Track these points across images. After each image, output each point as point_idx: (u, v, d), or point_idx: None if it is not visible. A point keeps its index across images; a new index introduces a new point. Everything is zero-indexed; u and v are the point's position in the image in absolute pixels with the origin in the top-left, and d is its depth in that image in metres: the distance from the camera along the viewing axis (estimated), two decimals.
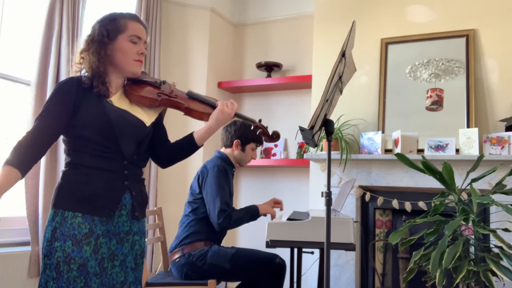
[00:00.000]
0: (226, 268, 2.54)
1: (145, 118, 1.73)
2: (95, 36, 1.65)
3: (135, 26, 1.69)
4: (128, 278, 1.66)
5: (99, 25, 1.67)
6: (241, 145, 2.82)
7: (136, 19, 1.72)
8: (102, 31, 1.65)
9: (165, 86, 1.79)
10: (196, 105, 1.79)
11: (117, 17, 1.69)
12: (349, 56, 1.86)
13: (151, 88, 1.76)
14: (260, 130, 1.92)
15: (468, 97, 3.05)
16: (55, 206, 1.58)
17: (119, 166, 1.64)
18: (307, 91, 3.79)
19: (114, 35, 1.65)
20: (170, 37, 3.91)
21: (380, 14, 3.43)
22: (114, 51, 1.66)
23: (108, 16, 1.70)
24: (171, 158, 1.85)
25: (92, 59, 1.63)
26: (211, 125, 1.78)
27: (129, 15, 1.72)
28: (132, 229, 1.69)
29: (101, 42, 1.64)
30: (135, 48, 1.68)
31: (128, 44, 1.67)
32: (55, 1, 2.82)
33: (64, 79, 1.68)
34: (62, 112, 1.59)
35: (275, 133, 1.94)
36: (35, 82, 2.73)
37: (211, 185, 2.64)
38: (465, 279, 2.00)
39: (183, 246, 2.63)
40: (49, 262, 1.54)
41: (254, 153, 2.88)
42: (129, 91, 1.71)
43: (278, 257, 2.63)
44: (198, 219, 2.67)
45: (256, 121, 1.93)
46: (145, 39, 1.72)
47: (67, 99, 1.60)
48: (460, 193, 2.16)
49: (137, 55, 1.68)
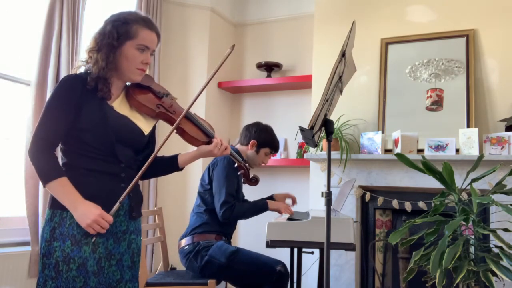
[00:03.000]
0: (222, 262, 2.53)
1: (143, 126, 1.72)
2: (105, 38, 1.61)
3: (146, 34, 1.64)
4: (125, 276, 1.66)
5: (111, 25, 1.63)
6: (257, 146, 2.85)
7: (149, 27, 1.66)
8: (113, 33, 1.61)
9: (167, 99, 1.76)
10: (190, 128, 1.77)
11: (130, 21, 1.63)
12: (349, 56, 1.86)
13: (152, 96, 1.73)
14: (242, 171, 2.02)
15: (468, 97, 3.05)
16: (53, 207, 1.58)
17: (116, 169, 1.64)
18: (307, 91, 3.79)
19: (123, 40, 1.62)
20: (170, 37, 3.91)
21: (380, 14, 3.43)
22: (119, 56, 1.63)
23: (122, 18, 1.64)
24: (152, 173, 1.83)
25: (100, 62, 1.60)
26: (195, 155, 1.82)
27: (144, 22, 1.66)
28: (129, 228, 1.69)
29: (110, 45, 1.60)
30: (140, 57, 1.64)
31: (134, 52, 1.63)
32: (55, 1, 2.82)
33: (68, 76, 1.64)
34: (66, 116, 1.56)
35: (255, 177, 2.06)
36: (35, 82, 2.73)
37: (218, 176, 2.68)
38: (465, 279, 2.00)
39: (194, 235, 2.67)
40: (47, 262, 1.54)
41: (266, 158, 2.92)
42: (131, 94, 1.69)
43: (281, 264, 2.56)
44: (209, 209, 2.70)
45: (241, 161, 1.99)
46: (153, 48, 1.68)
47: (69, 102, 1.57)
48: (460, 193, 2.16)
49: (141, 64, 1.65)
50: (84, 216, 1.51)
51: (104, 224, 1.53)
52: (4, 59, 2.76)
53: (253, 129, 2.89)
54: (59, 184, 1.53)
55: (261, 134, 2.86)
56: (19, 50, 2.85)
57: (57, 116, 1.56)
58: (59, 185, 1.53)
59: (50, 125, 1.56)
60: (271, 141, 2.88)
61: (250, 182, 2.07)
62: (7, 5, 2.77)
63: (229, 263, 2.54)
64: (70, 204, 1.53)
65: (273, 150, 2.91)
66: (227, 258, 2.54)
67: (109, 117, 1.62)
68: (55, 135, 1.57)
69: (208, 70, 3.94)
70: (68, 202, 1.53)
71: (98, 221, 1.51)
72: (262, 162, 2.91)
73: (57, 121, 1.56)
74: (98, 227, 1.52)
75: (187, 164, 1.86)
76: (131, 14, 1.68)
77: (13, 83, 2.82)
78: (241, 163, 2.00)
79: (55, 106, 1.57)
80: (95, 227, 1.51)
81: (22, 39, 2.87)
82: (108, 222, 1.54)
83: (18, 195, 2.74)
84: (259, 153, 2.87)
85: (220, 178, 2.67)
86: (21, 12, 2.86)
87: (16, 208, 2.79)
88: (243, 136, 2.91)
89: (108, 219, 1.54)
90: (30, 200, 2.69)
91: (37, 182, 2.71)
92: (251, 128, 2.90)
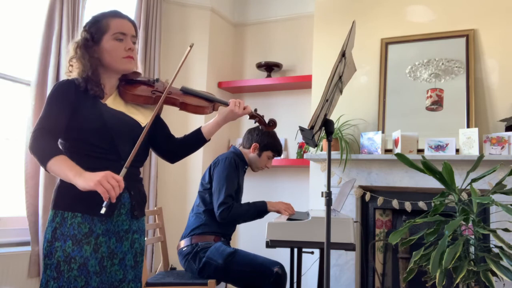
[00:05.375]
0: (220, 264, 2.53)
1: (140, 118, 1.74)
2: (81, 42, 1.66)
3: (118, 22, 1.68)
4: (127, 276, 1.66)
5: (83, 30, 1.69)
6: (259, 149, 2.86)
7: (118, 15, 1.70)
8: (86, 36, 1.66)
9: (159, 84, 1.81)
10: (191, 100, 1.82)
11: (99, 18, 1.69)
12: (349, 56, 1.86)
13: (145, 87, 1.77)
14: (256, 119, 1.95)
15: (468, 97, 3.05)
16: (55, 207, 1.59)
17: (116, 167, 1.63)
18: (307, 91, 3.79)
19: (99, 37, 1.66)
20: (170, 37, 3.91)
21: (380, 14, 3.43)
22: (101, 53, 1.66)
23: (91, 20, 1.70)
24: (180, 153, 1.88)
25: (79, 65, 1.64)
26: (218, 120, 1.85)
27: (111, 13, 1.71)
28: (132, 228, 1.69)
29: (86, 46, 1.65)
30: (121, 46, 1.67)
31: (113, 43, 1.66)
32: (55, 1, 2.82)
33: (61, 81, 1.68)
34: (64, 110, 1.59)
35: (272, 120, 1.97)
36: (35, 82, 2.73)
37: (219, 176, 2.68)
38: (465, 279, 2.00)
39: (192, 236, 2.67)
40: (49, 262, 1.55)
41: (269, 161, 2.92)
42: (123, 91, 1.72)
43: (279, 266, 2.54)
44: (209, 210, 2.70)
45: (252, 110, 1.94)
46: (132, 33, 1.70)
47: (66, 99, 1.60)
48: (460, 193, 2.16)
49: (125, 52, 1.67)
50: (92, 176, 1.41)
51: (114, 182, 1.41)
52: (4, 59, 2.76)
53: (255, 132, 2.90)
54: (60, 159, 1.48)
55: (263, 137, 2.86)
56: (19, 50, 2.85)
57: (56, 109, 1.58)
58: (60, 160, 1.48)
59: (49, 116, 1.57)
60: (273, 144, 2.88)
61: (268, 126, 1.96)
62: (7, 5, 2.77)
63: (226, 264, 2.53)
64: (75, 174, 1.43)
65: (276, 153, 2.92)
66: (224, 260, 2.54)
67: (104, 113, 1.64)
68: (55, 124, 1.57)
69: (208, 70, 3.95)
70: (72, 174, 1.44)
71: (107, 177, 1.41)
72: (265, 166, 2.91)
73: (56, 113, 1.58)
74: (109, 185, 1.40)
75: (213, 132, 1.87)
76: (97, 14, 1.73)
77: (13, 83, 2.82)
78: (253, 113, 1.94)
79: (53, 102, 1.60)
80: (105, 184, 1.40)
81: (22, 39, 2.87)
82: (118, 182, 1.42)
83: (18, 195, 2.74)
84: (262, 156, 2.87)
85: (220, 178, 2.67)
86: (21, 12, 2.86)
87: (16, 208, 2.79)
88: (246, 140, 2.92)
89: (117, 179, 1.43)
90: (30, 200, 2.69)
91: (37, 182, 2.72)
92: (253, 132, 2.91)
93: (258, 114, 1.96)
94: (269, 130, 2.01)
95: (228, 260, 2.54)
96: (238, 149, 2.90)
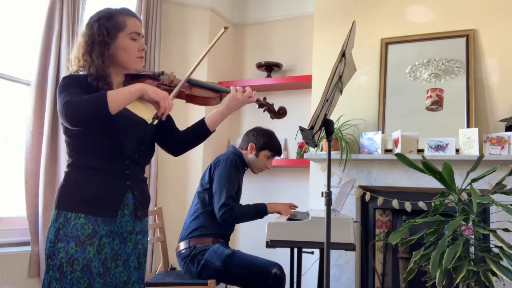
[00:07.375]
0: (218, 266, 2.53)
1: (146, 114, 1.72)
2: (96, 37, 1.61)
3: (133, 22, 1.67)
4: (131, 277, 1.65)
5: (97, 24, 1.63)
6: (256, 150, 2.85)
7: (133, 14, 1.70)
8: (102, 31, 1.62)
9: (164, 77, 1.79)
10: (198, 91, 1.79)
11: (114, 14, 1.66)
12: (349, 56, 1.86)
13: (150, 80, 1.75)
14: (265, 107, 1.92)
15: (468, 97, 3.05)
16: (58, 207, 1.57)
17: (121, 166, 1.63)
18: (307, 91, 3.79)
19: (115, 34, 1.63)
20: (170, 37, 3.91)
21: (380, 14, 3.43)
22: (116, 50, 1.64)
23: (105, 14, 1.66)
24: (184, 145, 1.86)
25: (96, 61, 1.60)
26: (222, 110, 1.82)
27: (126, 12, 1.69)
28: (135, 229, 1.68)
29: (103, 42, 1.61)
30: (136, 45, 1.66)
31: (130, 42, 1.65)
32: (55, 1, 2.82)
33: (67, 75, 1.63)
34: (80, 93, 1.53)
35: (282, 108, 1.93)
36: (35, 82, 2.73)
37: (220, 176, 2.67)
38: (465, 279, 2.00)
39: (190, 238, 2.66)
40: (52, 263, 1.54)
41: (269, 162, 2.90)
42: None
43: (277, 267, 2.53)
44: (207, 211, 2.69)
45: (261, 99, 1.91)
46: (143, 34, 1.72)
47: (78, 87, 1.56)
48: (460, 193, 2.16)
49: (138, 52, 1.67)
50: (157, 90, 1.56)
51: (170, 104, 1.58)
52: (4, 59, 2.76)
53: (251, 133, 2.90)
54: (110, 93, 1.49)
55: (258, 137, 2.86)
56: (19, 50, 2.85)
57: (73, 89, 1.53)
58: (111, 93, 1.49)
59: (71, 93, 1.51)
60: (269, 143, 2.86)
61: (278, 115, 1.94)
62: (7, 5, 2.77)
63: (224, 266, 2.53)
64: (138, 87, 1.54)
65: (274, 152, 2.89)
66: (223, 262, 2.53)
67: None
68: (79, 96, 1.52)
69: (208, 70, 3.95)
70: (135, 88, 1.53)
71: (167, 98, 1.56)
72: (265, 166, 2.89)
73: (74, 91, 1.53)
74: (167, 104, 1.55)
75: (217, 123, 1.83)
76: (110, 9, 1.70)
77: (13, 83, 2.82)
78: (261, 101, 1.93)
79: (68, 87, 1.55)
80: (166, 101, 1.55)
81: (22, 39, 2.87)
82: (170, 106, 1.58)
83: (18, 195, 2.74)
84: (259, 156, 2.86)
85: (221, 179, 2.66)
86: (21, 12, 2.86)
87: (16, 208, 2.79)
88: (243, 141, 2.92)
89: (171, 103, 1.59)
90: (30, 200, 2.69)
91: (37, 181, 2.71)
92: (249, 133, 2.92)
93: (268, 102, 1.93)
94: (280, 118, 1.97)
95: (227, 262, 2.53)
96: (237, 149, 2.89)
